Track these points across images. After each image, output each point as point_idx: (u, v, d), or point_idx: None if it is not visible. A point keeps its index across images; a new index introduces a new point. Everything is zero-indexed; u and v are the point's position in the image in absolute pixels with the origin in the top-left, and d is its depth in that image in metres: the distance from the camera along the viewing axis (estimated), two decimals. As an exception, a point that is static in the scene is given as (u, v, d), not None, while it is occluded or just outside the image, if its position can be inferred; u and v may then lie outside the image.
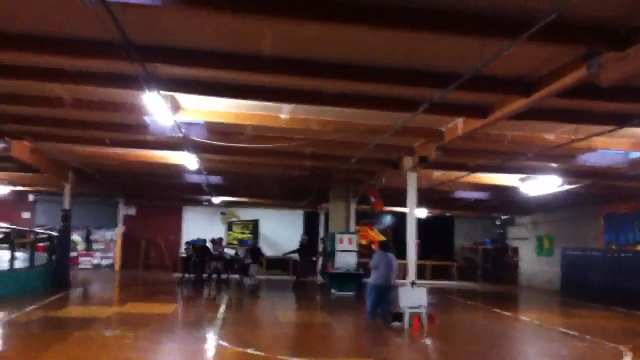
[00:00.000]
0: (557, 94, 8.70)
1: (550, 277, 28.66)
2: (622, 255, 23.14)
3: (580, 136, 11.94)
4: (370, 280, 14.17)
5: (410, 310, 13.56)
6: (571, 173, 16.78)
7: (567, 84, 8.20)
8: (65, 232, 21.55)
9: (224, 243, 26.15)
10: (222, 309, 15.97)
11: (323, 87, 9.93)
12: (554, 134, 12.53)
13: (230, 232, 32.10)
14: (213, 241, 24.50)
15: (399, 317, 13.76)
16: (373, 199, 20.57)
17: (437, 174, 18.74)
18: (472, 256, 34.07)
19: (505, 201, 24.07)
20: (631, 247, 23.30)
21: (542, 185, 18.18)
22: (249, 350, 10.12)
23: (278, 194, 26.13)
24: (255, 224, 32.12)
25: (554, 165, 15.91)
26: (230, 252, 26.49)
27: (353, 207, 23.61)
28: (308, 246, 23.32)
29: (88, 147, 16.52)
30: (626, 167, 14.65)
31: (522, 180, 18.81)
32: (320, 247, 27.42)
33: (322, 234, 30.44)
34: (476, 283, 31.61)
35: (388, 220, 32.81)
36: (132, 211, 31.76)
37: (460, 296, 23.74)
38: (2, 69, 9.40)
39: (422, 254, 24.39)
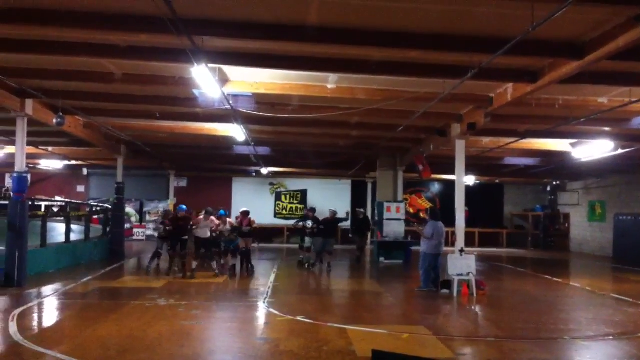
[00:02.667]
0: (609, 56, 8.48)
1: (601, 243, 28.19)
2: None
3: (634, 99, 11.63)
4: (424, 249, 14.17)
5: (458, 278, 13.55)
6: (624, 137, 16.38)
7: (619, 46, 7.99)
8: (119, 205, 22.07)
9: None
10: (272, 277, 16.22)
11: (368, 55, 9.89)
12: (606, 97, 12.25)
13: (278, 202, 32.40)
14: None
15: (447, 284, 13.78)
16: (420, 167, 20.42)
17: (486, 141, 18.53)
18: (521, 223, 33.70)
19: (556, 167, 23.63)
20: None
21: (594, 149, 17.80)
22: (299, 318, 10.28)
23: (325, 164, 26.16)
24: (303, 194, 32.33)
25: (607, 129, 15.55)
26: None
27: (400, 175, 23.53)
28: (364, 220, 23.01)
29: (138, 121, 16.85)
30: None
31: (573, 145, 18.44)
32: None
33: (369, 202, 30.45)
34: (526, 250, 31.29)
35: (436, 188, 32.63)
36: (183, 183, 32.28)
37: (509, 263, 23.55)
38: (55, 45, 9.64)
39: (471, 221, 24.19)
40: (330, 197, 31.33)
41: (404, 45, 9.01)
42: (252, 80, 11.87)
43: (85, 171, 31.26)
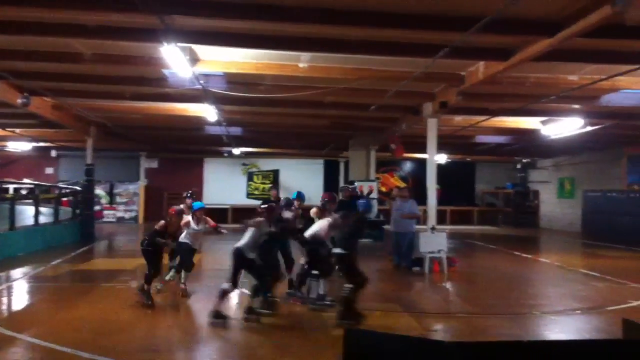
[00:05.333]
0: (580, 34, 8.53)
1: (571, 219, 28.66)
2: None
3: (603, 76, 11.75)
4: (410, 229, 14.32)
5: (430, 255, 13.70)
6: (594, 114, 16.58)
7: (591, 23, 8.03)
8: (89, 187, 21.83)
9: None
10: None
11: (342, 34, 9.81)
12: (576, 75, 12.35)
13: (250, 183, 32.33)
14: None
15: (419, 262, 13.92)
16: (393, 146, 20.52)
17: (458, 119, 18.61)
18: (493, 200, 34.08)
19: (527, 144, 23.90)
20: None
21: (564, 127, 18.01)
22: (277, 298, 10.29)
23: (298, 144, 26.12)
24: (275, 174, 32.29)
25: (577, 106, 15.71)
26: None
27: (373, 154, 23.59)
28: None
29: (108, 102, 16.57)
30: (650, 106, 14.44)
31: (544, 122, 18.63)
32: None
33: (342, 182, 30.55)
34: (497, 227, 31.69)
35: (408, 166, 32.82)
36: (154, 164, 32.04)
37: (480, 240, 23.83)
38: (22, 26, 9.43)
39: (443, 199, 24.38)
40: (302, 177, 31.35)
41: (378, 25, 8.95)
42: (224, 60, 11.72)
43: (54, 153, 30.78)
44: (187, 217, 11.22)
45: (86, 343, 7.35)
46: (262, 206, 9.82)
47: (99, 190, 29.16)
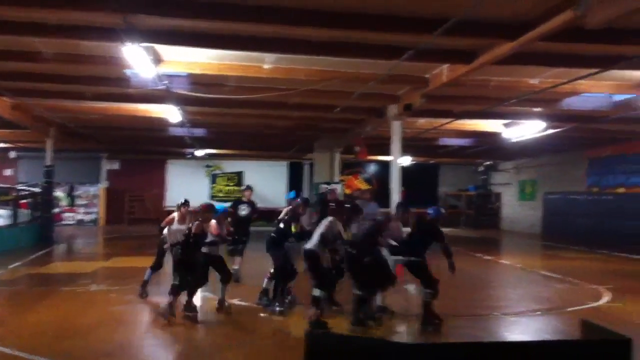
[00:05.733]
0: (542, 38, 8.64)
1: (532, 221, 29.08)
2: (604, 197, 23.49)
3: (564, 80, 11.93)
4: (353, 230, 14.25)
5: (393, 258, 13.68)
6: (555, 117, 16.84)
7: (552, 27, 8.14)
8: (48, 189, 21.40)
9: None
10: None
11: (307, 35, 9.77)
12: (538, 78, 12.51)
13: (214, 185, 32.13)
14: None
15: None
16: (357, 148, 20.57)
17: (422, 121, 18.73)
18: (455, 202, 34.40)
19: (489, 147, 24.19)
20: (613, 190, 23.62)
21: (526, 129, 18.26)
22: (235, 300, 10.22)
23: (263, 145, 26.02)
24: (239, 176, 32.14)
25: (538, 109, 15.94)
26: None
27: (337, 156, 23.61)
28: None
29: (69, 102, 16.26)
30: (609, 109, 14.72)
31: (506, 125, 18.86)
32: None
33: (306, 184, 30.56)
34: (459, 229, 31.99)
35: (373, 169, 32.94)
36: (115, 166, 31.61)
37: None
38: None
39: (407, 201, 24.50)
40: (267, 179, 31.25)
41: (343, 26, 8.94)
42: (187, 60, 11.59)
43: (13, 154, 30.15)
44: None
45: (44, 347, 7.19)
46: (346, 205, 9.64)
47: (58, 192, 28.64)
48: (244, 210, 12.70)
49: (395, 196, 14.98)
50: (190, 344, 7.88)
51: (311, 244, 8.79)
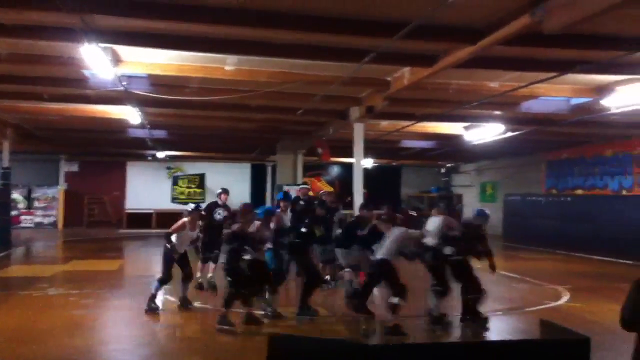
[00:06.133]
0: (501, 42, 8.72)
1: (492, 223, 29.26)
2: (562, 199, 23.90)
3: (522, 83, 12.09)
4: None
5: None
6: (514, 120, 17.07)
7: (511, 32, 8.23)
8: (5, 191, 20.92)
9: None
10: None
11: (269, 37, 9.69)
12: (497, 82, 12.66)
13: (175, 187, 31.79)
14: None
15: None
16: (320, 150, 20.58)
17: (384, 124, 18.82)
18: (418, 204, 34.63)
19: (450, 149, 24.42)
20: (571, 192, 24.06)
21: (486, 132, 18.48)
22: (196, 304, 10.14)
23: (225, 147, 25.86)
24: (201, 178, 31.84)
25: (498, 112, 16.15)
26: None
27: (300, 158, 23.59)
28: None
29: (26, 103, 15.91)
30: (567, 113, 14.97)
31: (467, 128, 19.06)
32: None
33: (269, 186, 30.50)
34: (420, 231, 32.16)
35: (336, 171, 32.97)
36: (74, 168, 31.10)
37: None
38: None
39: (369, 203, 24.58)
40: (229, 181, 30.97)
41: (306, 28, 8.90)
42: (147, 61, 11.43)
43: (-33, 156, 29.41)
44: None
45: (2, 352, 7.03)
46: (410, 212, 9.70)
47: (16, 195, 28.03)
48: (219, 214, 12.10)
49: (358, 198, 15.02)
50: (153, 348, 7.78)
51: (385, 254, 8.78)
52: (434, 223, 9.69)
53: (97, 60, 9.99)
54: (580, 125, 16.74)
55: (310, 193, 28.72)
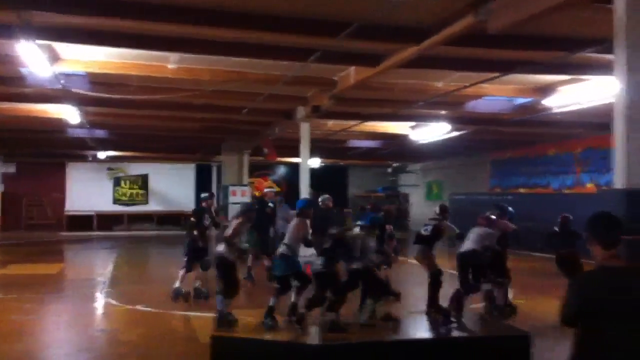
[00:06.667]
0: (446, 42, 8.75)
1: (439, 221, 29.76)
2: (506, 198, 24.29)
3: (467, 83, 12.19)
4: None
5: (303, 260, 13.63)
6: (459, 120, 17.24)
7: (455, 32, 8.24)
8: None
9: None
10: (110, 267, 15.51)
11: (213, 35, 9.49)
12: (442, 82, 12.74)
13: (117, 188, 31.14)
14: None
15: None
16: (266, 150, 20.45)
17: (331, 123, 18.79)
18: (364, 204, 34.75)
19: (397, 149, 24.57)
20: (515, 190, 24.50)
21: (432, 132, 18.62)
22: (139, 307, 9.92)
23: (169, 147, 25.42)
24: (144, 179, 31.28)
25: (443, 112, 16.27)
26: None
27: (246, 158, 23.43)
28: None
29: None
30: (511, 113, 15.18)
31: (413, 127, 19.17)
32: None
33: (214, 187, 30.18)
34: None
35: (282, 171, 32.88)
36: (11, 169, 30.12)
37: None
38: None
39: (316, 203, 24.57)
40: (173, 182, 30.67)
41: (250, 27, 8.75)
42: (86, 59, 11.08)
43: None
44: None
45: None
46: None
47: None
48: (207, 220, 11.59)
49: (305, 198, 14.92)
50: (94, 352, 7.56)
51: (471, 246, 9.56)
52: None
53: (34, 57, 9.66)
54: (523, 124, 17.02)
55: (257, 193, 28.71)
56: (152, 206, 30.92)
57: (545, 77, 12.27)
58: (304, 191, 15.19)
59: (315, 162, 26.78)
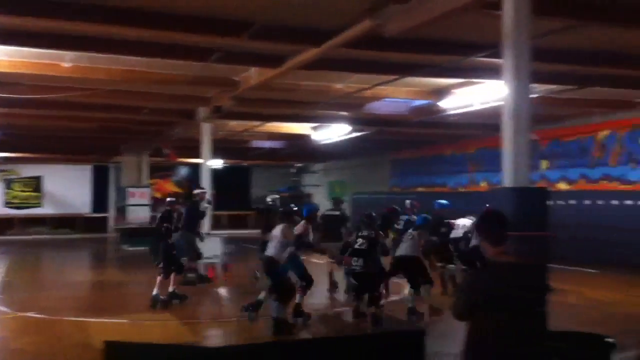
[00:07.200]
0: (345, 44, 8.90)
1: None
2: (403, 197, 24.96)
3: (366, 85, 12.45)
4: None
5: (204, 261, 13.57)
6: (360, 121, 17.57)
7: (354, 34, 8.41)
8: None
9: None
10: (1, 272, 14.87)
11: (110, 33, 9.22)
12: (343, 83, 12.93)
13: (9, 191, 29.70)
14: None
15: (193, 269, 13.73)
16: (167, 151, 20.14)
17: (233, 124, 18.71)
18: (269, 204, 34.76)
19: (300, 149, 24.75)
20: (414, 190, 25.21)
21: (333, 132, 18.91)
22: (31, 314, 9.57)
23: (65, 148, 24.50)
24: (38, 181, 29.98)
25: (344, 113, 16.53)
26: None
27: (146, 159, 22.93)
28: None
29: None
30: (409, 114, 15.62)
31: (315, 128, 19.39)
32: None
33: (112, 188, 29.42)
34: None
35: (185, 171, 32.40)
36: None
37: (255, 244, 24.11)
38: None
39: (218, 204, 24.40)
40: (69, 184, 29.57)
41: (148, 25, 8.58)
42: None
43: None
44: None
45: None
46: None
47: None
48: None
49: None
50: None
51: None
52: None
53: None
54: (421, 126, 17.55)
55: (158, 195, 28.18)
56: (47, 209, 29.72)
57: (441, 80, 12.70)
58: (207, 192, 15.02)
59: (218, 163, 26.54)
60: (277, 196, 15.18)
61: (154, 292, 10.47)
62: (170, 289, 10.79)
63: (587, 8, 7.85)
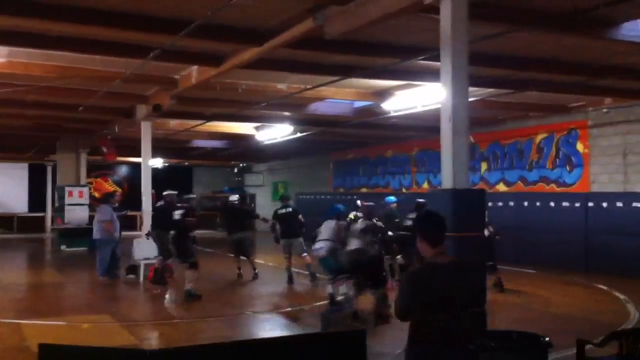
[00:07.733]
0: (286, 45, 8.89)
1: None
2: (348, 197, 25.14)
3: (308, 86, 12.45)
4: (98, 236, 13.73)
5: (145, 262, 13.37)
6: (302, 121, 17.58)
7: (294, 35, 8.41)
8: None
9: None
10: None
11: (43, 28, 8.95)
12: (285, 84, 12.90)
13: None
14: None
15: (133, 269, 13.54)
16: (105, 149, 19.74)
17: (174, 123, 18.47)
18: (211, 204, 34.48)
19: (242, 149, 24.60)
20: (357, 191, 25.40)
21: (276, 132, 18.87)
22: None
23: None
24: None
25: (287, 113, 16.51)
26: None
27: (84, 158, 22.42)
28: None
29: None
30: (351, 115, 15.72)
31: (257, 128, 19.31)
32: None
33: (49, 187, 28.65)
34: (215, 231, 32.08)
35: (124, 171, 31.85)
36: None
37: (199, 244, 23.87)
38: None
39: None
40: (4, 183, 28.67)
41: (84, 21, 8.35)
42: None
43: None
44: None
45: None
46: None
47: None
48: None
49: (147, 199, 14.61)
50: None
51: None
52: None
53: None
54: (363, 127, 17.68)
55: (96, 194, 27.59)
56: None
57: (383, 81, 12.80)
58: (146, 192, 14.80)
59: (158, 162, 26.22)
60: (238, 196, 15.29)
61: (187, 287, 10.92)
62: (187, 286, 11.02)
63: (523, 14, 8.05)
